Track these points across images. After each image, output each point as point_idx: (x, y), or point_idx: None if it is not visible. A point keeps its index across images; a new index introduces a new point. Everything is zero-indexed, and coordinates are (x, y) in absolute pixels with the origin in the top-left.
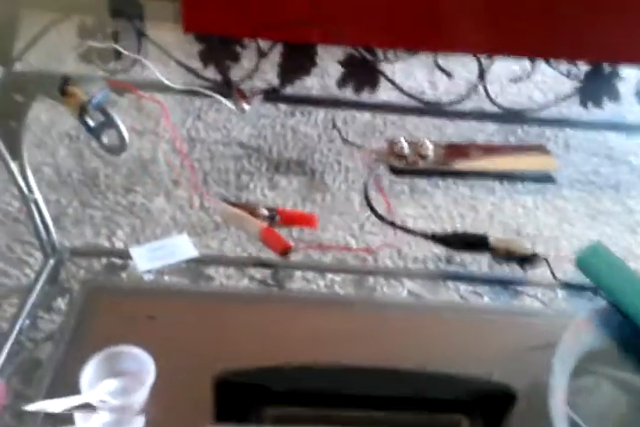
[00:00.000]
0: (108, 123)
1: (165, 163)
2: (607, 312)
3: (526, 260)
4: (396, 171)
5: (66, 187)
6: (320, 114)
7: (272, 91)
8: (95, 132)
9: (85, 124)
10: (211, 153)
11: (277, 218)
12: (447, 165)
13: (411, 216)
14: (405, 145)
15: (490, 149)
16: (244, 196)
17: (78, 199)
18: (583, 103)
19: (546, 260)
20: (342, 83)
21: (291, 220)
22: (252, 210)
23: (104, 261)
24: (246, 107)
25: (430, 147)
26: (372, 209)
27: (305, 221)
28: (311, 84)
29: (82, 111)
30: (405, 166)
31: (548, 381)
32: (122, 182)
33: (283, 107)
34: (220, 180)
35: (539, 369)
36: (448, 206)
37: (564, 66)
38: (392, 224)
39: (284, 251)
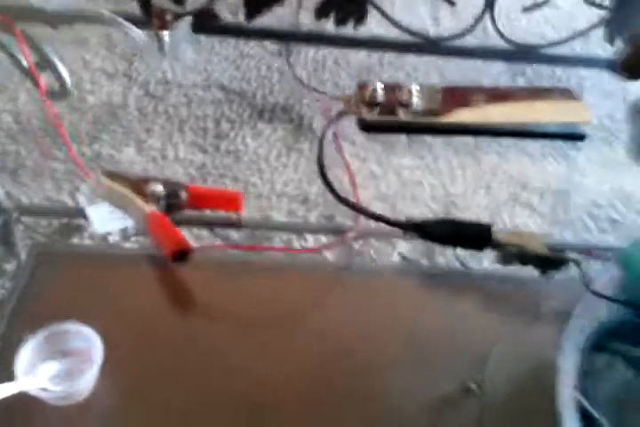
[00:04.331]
0: (47, 63)
1: (137, 108)
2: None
3: (549, 263)
4: (365, 126)
5: (26, 136)
6: (310, 53)
7: (212, 17)
8: (30, 74)
9: (19, 63)
10: (188, 98)
11: (183, 198)
12: (437, 116)
13: (407, 168)
14: (380, 90)
15: (498, 95)
16: (223, 145)
17: (39, 150)
18: (610, 38)
19: (575, 262)
20: (321, 12)
21: (204, 200)
22: (141, 187)
23: (59, 221)
24: (165, 37)
25: (414, 92)
26: (328, 184)
27: (224, 202)
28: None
29: None
30: (378, 119)
31: (557, 362)
32: (88, 130)
33: (269, 46)
34: (198, 127)
35: (546, 345)
36: (448, 156)
37: None
38: (353, 208)
39: (176, 254)
